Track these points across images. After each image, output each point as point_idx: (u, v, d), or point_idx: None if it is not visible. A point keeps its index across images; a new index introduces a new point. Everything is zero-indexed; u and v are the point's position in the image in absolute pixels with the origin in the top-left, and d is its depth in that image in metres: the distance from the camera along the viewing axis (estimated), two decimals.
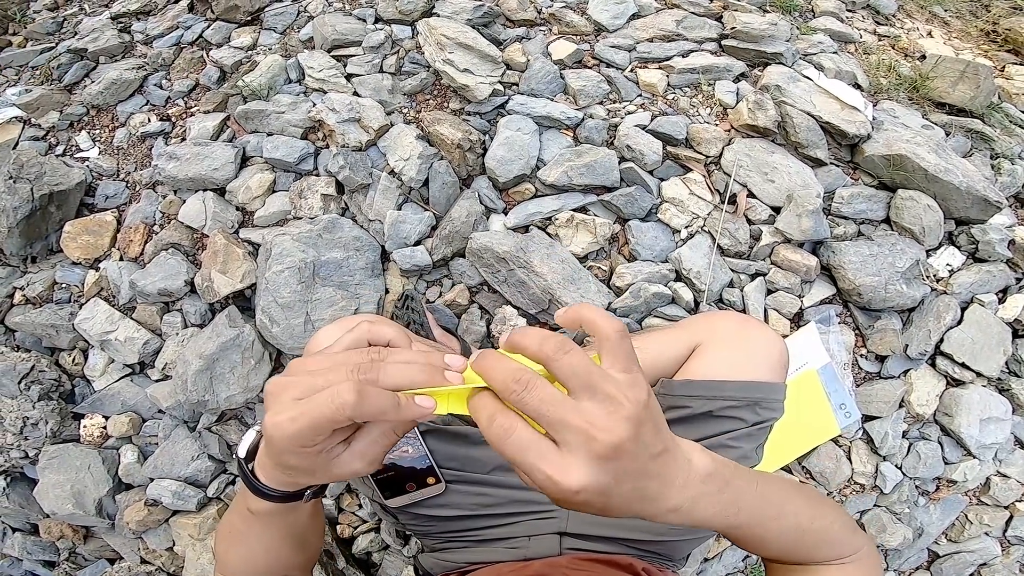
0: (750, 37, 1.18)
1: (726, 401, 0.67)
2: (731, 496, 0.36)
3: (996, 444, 1.08)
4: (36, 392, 1.03)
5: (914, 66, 1.33)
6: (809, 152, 1.08)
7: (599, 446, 0.29)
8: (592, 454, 0.29)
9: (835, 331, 1.04)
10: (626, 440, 0.30)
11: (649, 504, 0.33)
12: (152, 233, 1.09)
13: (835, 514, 0.45)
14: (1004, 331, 1.09)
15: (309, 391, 0.33)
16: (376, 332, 0.37)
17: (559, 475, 0.29)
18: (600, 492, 0.30)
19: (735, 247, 1.03)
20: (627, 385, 0.31)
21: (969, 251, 1.11)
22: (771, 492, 0.40)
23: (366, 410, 0.32)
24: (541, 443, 0.30)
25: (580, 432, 0.29)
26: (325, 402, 0.31)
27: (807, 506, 0.42)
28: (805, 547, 0.42)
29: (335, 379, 0.33)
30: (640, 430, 0.31)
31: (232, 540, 0.51)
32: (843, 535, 0.44)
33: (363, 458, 0.36)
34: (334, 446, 0.35)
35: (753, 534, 0.39)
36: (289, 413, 0.32)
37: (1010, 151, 1.22)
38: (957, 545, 1.15)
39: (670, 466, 0.33)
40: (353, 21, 1.18)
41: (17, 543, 1.12)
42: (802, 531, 0.41)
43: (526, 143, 1.02)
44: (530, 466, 0.30)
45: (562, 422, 0.30)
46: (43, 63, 1.28)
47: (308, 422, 0.32)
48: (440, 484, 0.66)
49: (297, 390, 0.33)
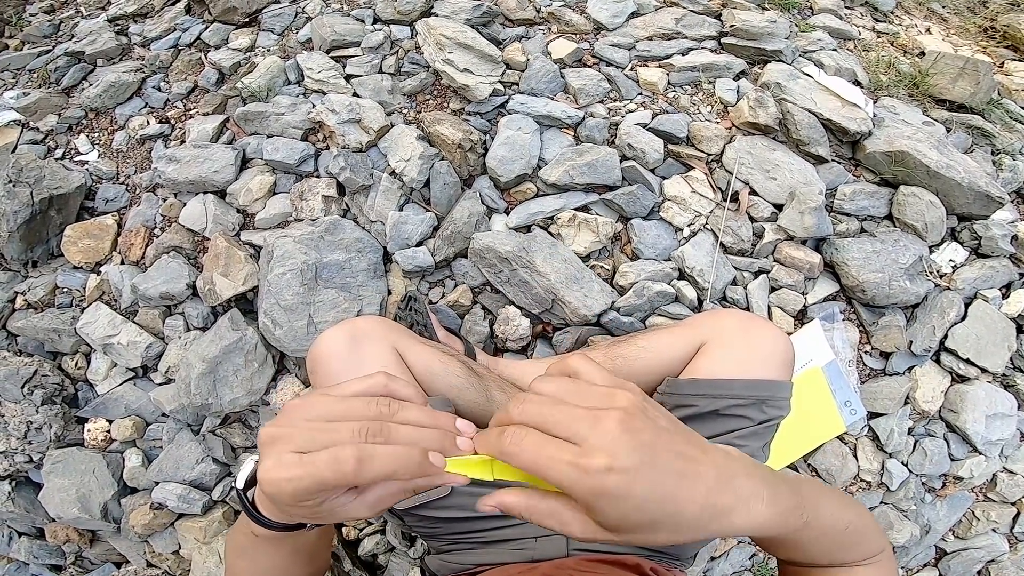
0: (749, 35, 1.18)
1: (732, 400, 0.67)
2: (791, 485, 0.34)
3: (1002, 440, 1.08)
4: (39, 396, 1.03)
5: (913, 63, 1.32)
6: (810, 149, 1.08)
7: (608, 421, 0.28)
8: (605, 431, 0.28)
9: (839, 328, 1.04)
10: (632, 413, 0.29)
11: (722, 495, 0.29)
12: (153, 236, 1.09)
13: (865, 511, 0.44)
14: (1008, 326, 1.09)
15: (308, 446, 0.30)
16: (393, 390, 0.35)
17: (583, 459, 0.27)
18: (633, 469, 0.27)
19: (738, 245, 1.03)
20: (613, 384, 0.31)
21: (972, 247, 1.11)
22: (811, 489, 0.38)
23: (368, 477, 0.30)
24: (556, 440, 0.29)
25: (585, 418, 0.28)
26: (324, 466, 0.29)
27: (840, 506, 0.41)
28: (848, 544, 0.41)
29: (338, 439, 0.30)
30: (644, 408, 0.30)
31: (239, 555, 0.51)
32: (875, 532, 0.44)
33: (372, 509, 0.34)
34: (340, 496, 0.33)
35: (812, 534, 0.37)
36: (286, 473, 0.30)
37: (1011, 147, 1.21)
38: (964, 542, 1.15)
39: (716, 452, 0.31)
40: (352, 22, 1.17)
41: (24, 547, 1.11)
42: (847, 530, 0.40)
43: (527, 142, 1.02)
44: (551, 461, 0.28)
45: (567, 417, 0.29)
46: (40, 66, 1.27)
47: (307, 485, 0.30)
48: (446, 485, 0.65)
49: (293, 443, 0.31)
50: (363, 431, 0.31)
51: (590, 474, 0.27)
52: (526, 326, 1.00)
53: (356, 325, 0.68)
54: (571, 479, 0.27)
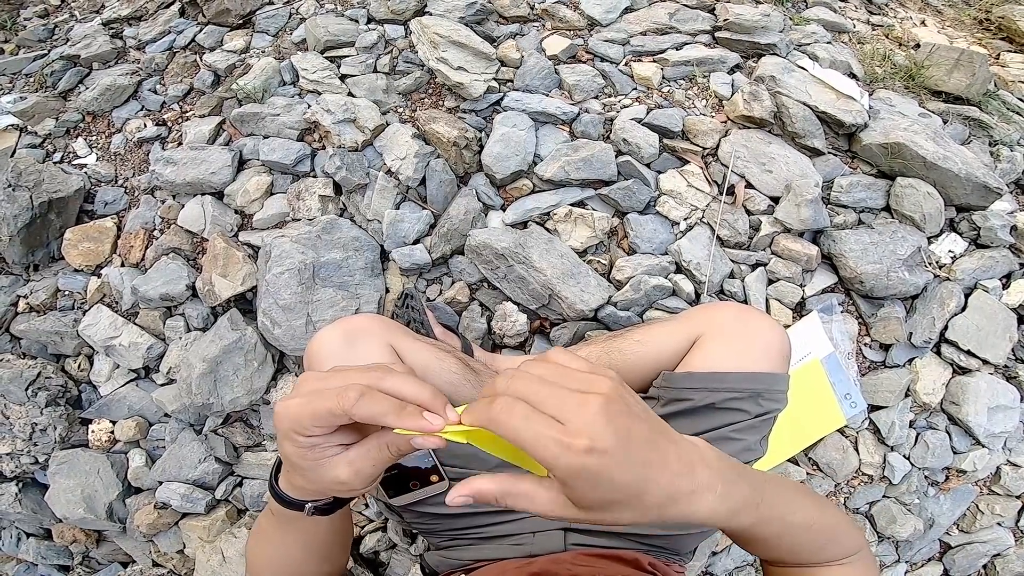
0: (743, 28, 1.18)
1: (728, 393, 0.67)
2: (750, 481, 0.36)
3: (1005, 433, 1.07)
4: (43, 398, 1.04)
5: (908, 55, 1.32)
6: (806, 142, 1.07)
7: (591, 404, 0.29)
8: (588, 413, 0.29)
9: (838, 320, 1.04)
10: (612, 398, 0.30)
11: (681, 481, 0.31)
12: (152, 238, 1.10)
13: (838, 513, 0.45)
14: (1009, 317, 1.08)
15: (324, 385, 0.35)
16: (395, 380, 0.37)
17: (567, 436, 0.29)
18: (611, 452, 0.29)
19: (735, 238, 1.03)
20: (593, 371, 0.32)
21: (971, 237, 1.11)
22: (778, 487, 0.39)
23: (365, 410, 0.33)
24: (543, 415, 0.30)
25: (570, 398, 0.30)
26: (330, 395, 0.33)
27: (812, 504, 0.42)
28: (815, 545, 0.42)
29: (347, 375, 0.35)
30: (623, 394, 0.31)
31: (258, 539, 0.53)
32: (847, 534, 0.44)
33: (352, 466, 0.36)
34: (328, 447, 0.36)
35: (771, 531, 0.38)
36: (298, 399, 0.35)
37: (1008, 138, 1.21)
38: (969, 536, 1.14)
39: (682, 444, 0.33)
40: (345, 22, 1.17)
41: (32, 548, 1.13)
42: (812, 529, 0.41)
43: (522, 139, 1.02)
44: (536, 434, 0.29)
45: (553, 395, 0.30)
46: (36, 70, 1.28)
47: (311, 409, 0.34)
48: (444, 482, 0.66)
49: (319, 383, 0.35)
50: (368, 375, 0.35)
51: (573, 452, 0.28)
52: (523, 322, 1.00)
53: (352, 323, 0.69)
54: (554, 454, 0.29)
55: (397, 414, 0.33)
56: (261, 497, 1.05)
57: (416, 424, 0.33)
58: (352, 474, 0.36)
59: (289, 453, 0.36)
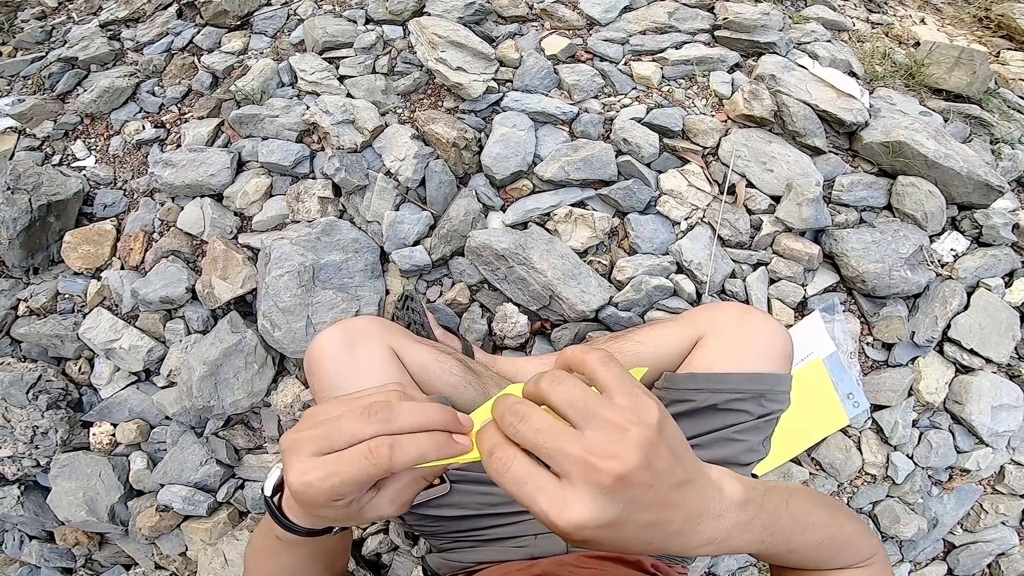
0: (743, 27, 1.17)
1: (730, 394, 0.67)
2: (764, 520, 0.35)
3: (1009, 432, 1.07)
4: (44, 401, 1.04)
5: (909, 53, 1.32)
6: (807, 141, 1.07)
7: (602, 476, 0.27)
8: (595, 486, 0.27)
9: (840, 319, 1.03)
10: (634, 468, 0.27)
11: (676, 540, 0.31)
12: (152, 241, 1.09)
13: (853, 519, 0.44)
14: (1012, 315, 1.08)
15: (329, 444, 0.32)
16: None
17: (556, 510, 0.27)
18: (607, 526, 0.28)
19: (736, 237, 1.02)
20: (631, 409, 0.28)
21: (973, 236, 1.10)
22: (797, 507, 0.39)
23: (404, 461, 0.31)
24: (540, 476, 0.28)
25: (580, 462, 0.27)
26: (359, 458, 0.31)
27: (829, 515, 0.42)
28: (828, 554, 0.42)
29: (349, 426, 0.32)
30: (651, 457, 0.28)
31: (259, 556, 0.52)
32: (862, 540, 0.44)
33: (394, 503, 0.35)
34: (363, 495, 0.35)
35: (776, 552, 0.38)
36: (319, 472, 0.31)
37: (1010, 136, 1.20)
38: (973, 535, 1.14)
39: (697, 497, 0.31)
40: (343, 23, 1.17)
41: (35, 551, 1.12)
42: (826, 541, 0.40)
43: (522, 139, 1.02)
44: (528, 500, 0.28)
45: (561, 452, 0.28)
46: (34, 72, 1.28)
47: (343, 480, 0.31)
48: (445, 485, 0.66)
49: (314, 445, 0.32)
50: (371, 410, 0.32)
51: (561, 523, 0.28)
52: (524, 323, 1.00)
53: (352, 325, 0.69)
54: (544, 519, 0.28)
55: (436, 451, 0.32)
56: (262, 501, 1.05)
57: (453, 452, 0.32)
58: (395, 509, 0.36)
59: (329, 516, 0.35)
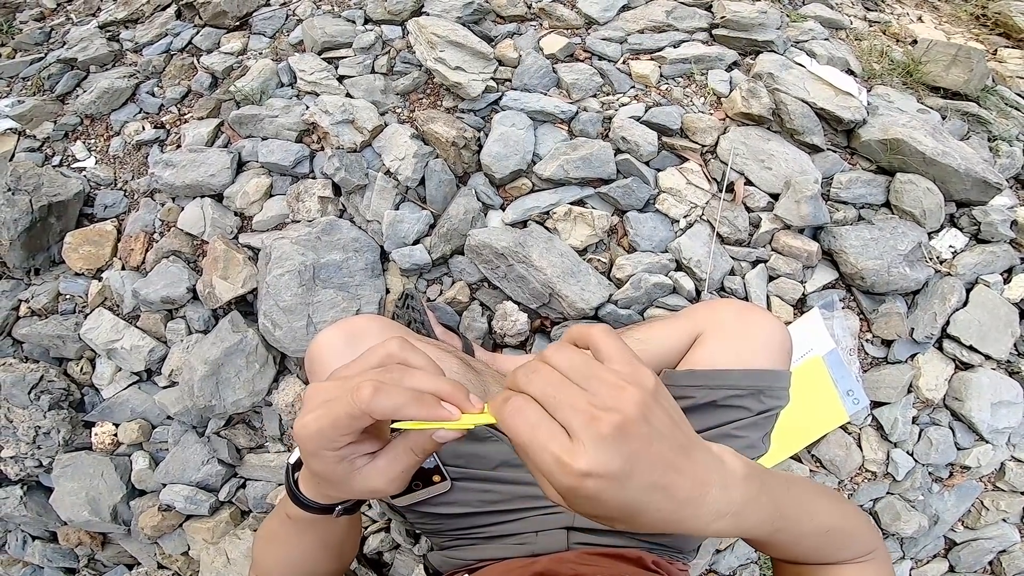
0: (740, 26, 1.17)
1: (729, 390, 0.67)
2: (770, 498, 0.35)
3: (1009, 428, 1.07)
4: (46, 402, 1.04)
5: (906, 51, 1.32)
6: (805, 138, 1.07)
7: (603, 426, 0.28)
8: (597, 435, 0.28)
9: (839, 316, 1.03)
10: (632, 419, 0.28)
11: (687, 510, 0.30)
12: (152, 241, 1.10)
13: (856, 512, 0.44)
14: (1011, 312, 1.08)
15: (337, 393, 0.33)
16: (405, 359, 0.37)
17: (567, 455, 0.28)
18: (612, 478, 0.28)
19: (735, 235, 1.03)
20: (628, 374, 0.30)
21: (971, 232, 1.11)
22: (801, 493, 0.39)
23: (383, 404, 0.32)
24: (552, 424, 0.29)
25: (584, 413, 0.28)
26: (344, 397, 0.32)
27: (831, 504, 0.41)
28: (832, 547, 0.42)
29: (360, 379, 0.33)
30: (648, 414, 0.29)
31: (269, 542, 0.52)
32: (865, 534, 0.44)
33: (383, 475, 0.36)
34: (357, 458, 0.36)
35: (787, 539, 0.38)
36: (314, 414, 0.33)
37: (1007, 133, 1.21)
38: (974, 532, 1.14)
39: (702, 464, 0.31)
40: (342, 23, 1.17)
41: (38, 551, 1.13)
42: (829, 534, 0.40)
43: (521, 138, 1.02)
44: (539, 446, 0.28)
45: (568, 404, 0.29)
46: (34, 73, 1.28)
47: (329, 420, 0.33)
48: (446, 482, 0.66)
49: (327, 393, 0.34)
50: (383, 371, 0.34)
51: (569, 473, 0.28)
52: (524, 321, 1.00)
53: (353, 324, 0.69)
54: (551, 471, 0.28)
55: (416, 404, 0.32)
56: (264, 499, 1.05)
57: (434, 414, 0.32)
58: (386, 482, 0.36)
59: (319, 471, 0.36)
